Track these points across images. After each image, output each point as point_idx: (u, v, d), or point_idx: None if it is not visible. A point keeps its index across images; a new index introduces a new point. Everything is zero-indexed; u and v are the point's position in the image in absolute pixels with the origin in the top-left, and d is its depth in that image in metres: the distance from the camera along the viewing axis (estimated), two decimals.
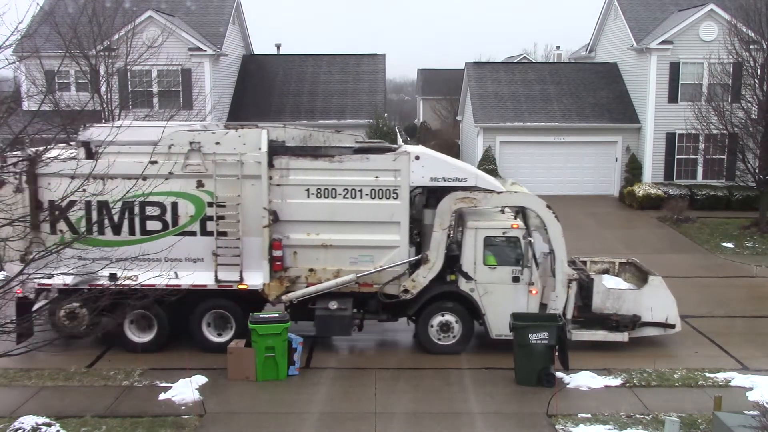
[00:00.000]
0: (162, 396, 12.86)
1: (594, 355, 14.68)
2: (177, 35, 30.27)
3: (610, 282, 15.71)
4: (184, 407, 12.47)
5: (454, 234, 15.52)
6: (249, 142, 14.29)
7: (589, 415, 12.16)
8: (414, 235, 14.98)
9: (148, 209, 14.15)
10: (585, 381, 13.47)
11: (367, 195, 14.40)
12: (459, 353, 14.84)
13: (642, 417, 12.14)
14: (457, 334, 14.87)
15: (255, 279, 14.50)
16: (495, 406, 12.69)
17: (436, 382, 13.62)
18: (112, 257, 12.57)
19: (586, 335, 14.98)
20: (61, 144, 14.88)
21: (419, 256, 14.73)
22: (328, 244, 14.52)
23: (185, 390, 12.86)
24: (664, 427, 11.12)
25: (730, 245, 24.66)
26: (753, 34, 26.07)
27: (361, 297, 14.85)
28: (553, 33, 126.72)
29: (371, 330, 16.05)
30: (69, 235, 13.27)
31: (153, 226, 14.40)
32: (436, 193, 14.83)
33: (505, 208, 15.41)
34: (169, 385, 13.21)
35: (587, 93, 34.69)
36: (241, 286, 14.51)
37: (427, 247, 14.62)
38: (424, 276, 14.56)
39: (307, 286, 14.60)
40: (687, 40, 31.16)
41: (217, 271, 14.42)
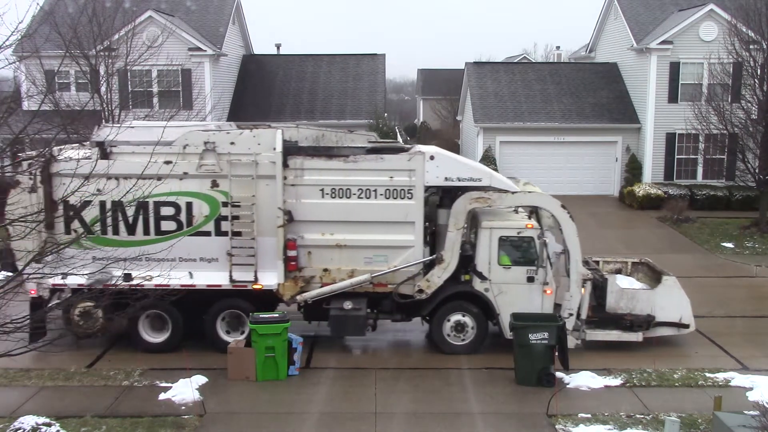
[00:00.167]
0: (162, 396, 12.86)
1: (594, 355, 14.69)
2: (177, 35, 30.25)
3: (624, 282, 15.73)
4: (184, 407, 12.48)
5: (468, 234, 15.51)
6: (263, 142, 14.29)
7: (589, 415, 12.16)
8: (428, 235, 14.94)
9: (162, 209, 14.18)
10: (585, 381, 13.47)
11: (381, 195, 14.39)
12: (473, 353, 14.77)
13: (642, 417, 12.14)
14: (471, 334, 14.86)
15: (270, 279, 14.50)
16: (495, 406, 12.69)
17: (436, 382, 13.62)
18: (127, 257, 12.58)
19: (600, 335, 14.98)
20: (74, 144, 14.92)
21: (434, 256, 14.70)
22: (343, 244, 14.51)
23: (185, 390, 12.87)
24: (664, 427, 11.12)
25: (730, 245, 24.65)
26: (753, 34, 26.06)
27: (375, 297, 14.82)
28: (553, 33, 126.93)
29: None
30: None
31: (167, 226, 14.41)
32: (450, 193, 14.80)
33: (518, 208, 15.39)
34: (169, 385, 13.21)
35: (587, 93, 34.66)
36: (255, 287, 14.50)
37: (442, 247, 14.59)
38: (439, 276, 14.54)
39: (322, 286, 14.60)
40: (687, 40, 31.14)
41: (231, 271, 14.43)
